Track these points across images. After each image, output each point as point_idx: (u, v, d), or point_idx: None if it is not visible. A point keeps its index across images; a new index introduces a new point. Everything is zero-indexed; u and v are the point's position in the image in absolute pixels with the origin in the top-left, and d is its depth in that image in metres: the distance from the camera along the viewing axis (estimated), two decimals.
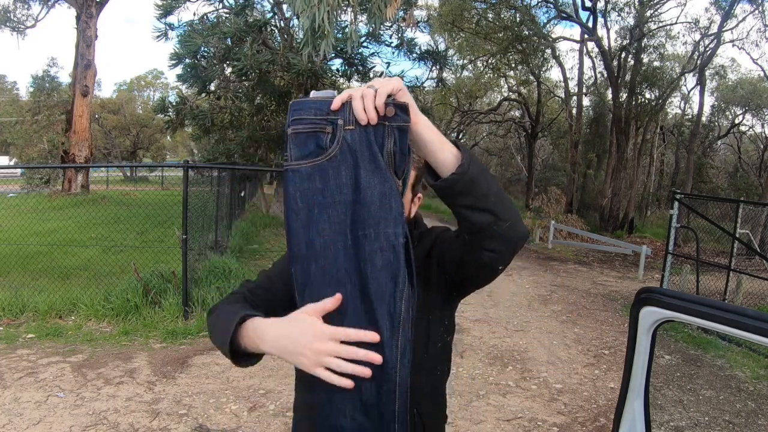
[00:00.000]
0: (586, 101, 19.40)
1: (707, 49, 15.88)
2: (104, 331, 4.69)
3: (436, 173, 0.89)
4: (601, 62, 16.48)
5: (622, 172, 15.74)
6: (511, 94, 24.86)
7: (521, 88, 23.25)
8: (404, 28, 11.41)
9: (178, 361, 4.08)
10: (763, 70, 17.93)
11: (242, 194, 12.93)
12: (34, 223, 8.68)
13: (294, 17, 10.85)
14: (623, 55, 15.92)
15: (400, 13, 9.40)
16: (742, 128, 22.98)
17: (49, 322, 4.82)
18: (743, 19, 15.57)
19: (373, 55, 12.44)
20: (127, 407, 3.27)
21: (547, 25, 16.36)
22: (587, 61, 18.15)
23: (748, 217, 8.73)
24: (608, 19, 15.95)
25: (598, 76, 18.86)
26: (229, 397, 3.49)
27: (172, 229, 7.12)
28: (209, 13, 11.52)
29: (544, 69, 20.16)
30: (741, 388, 4.02)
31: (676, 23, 21.05)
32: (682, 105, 23.00)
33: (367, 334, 0.81)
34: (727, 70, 20.50)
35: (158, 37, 11.26)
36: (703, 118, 19.09)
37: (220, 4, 11.53)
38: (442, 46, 19.21)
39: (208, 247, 7.08)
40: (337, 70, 13.10)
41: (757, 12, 15.02)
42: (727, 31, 15.18)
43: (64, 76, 32.61)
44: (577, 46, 17.95)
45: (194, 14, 11.66)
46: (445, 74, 15.52)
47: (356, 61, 12.22)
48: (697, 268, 5.88)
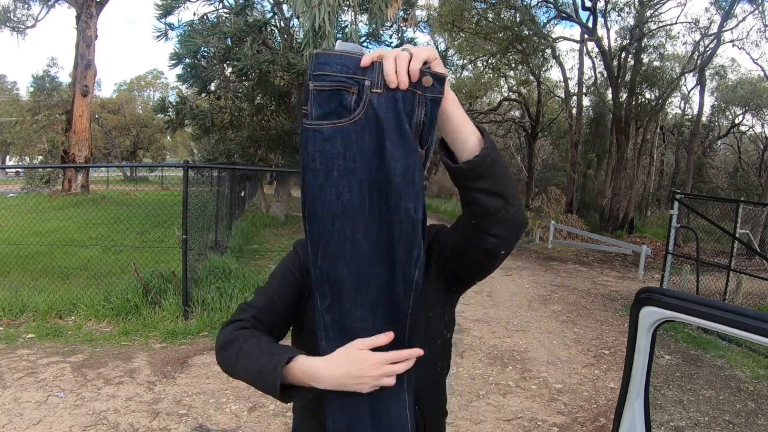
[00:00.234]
0: (586, 101, 19.42)
1: (707, 49, 15.89)
2: (104, 331, 4.69)
3: (451, 154, 0.86)
4: (601, 62, 16.49)
5: (622, 172, 15.74)
6: (511, 94, 24.85)
7: (521, 88, 23.25)
8: (404, 28, 11.42)
9: (178, 361, 4.08)
10: (763, 70, 17.94)
11: (242, 194, 12.93)
12: (34, 223, 8.68)
13: (294, 17, 10.85)
14: (623, 55, 15.92)
15: (401, 13, 9.40)
16: (742, 128, 22.98)
17: (49, 322, 4.82)
18: (743, 19, 15.59)
19: None
20: (127, 407, 3.27)
21: (547, 25, 16.39)
22: (587, 61, 18.18)
23: (748, 217, 8.73)
24: (608, 19, 15.97)
25: (598, 76, 18.87)
26: (229, 397, 3.49)
27: (172, 229, 7.13)
28: (209, 13, 11.53)
29: (544, 69, 20.17)
30: (741, 388, 4.02)
31: (676, 23, 21.09)
32: (682, 105, 23.03)
33: (412, 352, 0.89)
34: (727, 70, 20.52)
35: (158, 37, 11.28)
36: (703, 118, 19.10)
37: (220, 4, 11.53)
38: (442, 46, 19.23)
39: (208, 247, 7.08)
40: None
41: (757, 12, 15.03)
42: (727, 31, 15.20)
43: (64, 76, 32.65)
44: (577, 46, 17.97)
45: (194, 14, 11.69)
46: None
47: None
48: (697, 268, 5.88)
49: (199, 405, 3.36)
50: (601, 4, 15.34)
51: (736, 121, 22.47)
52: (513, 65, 19.56)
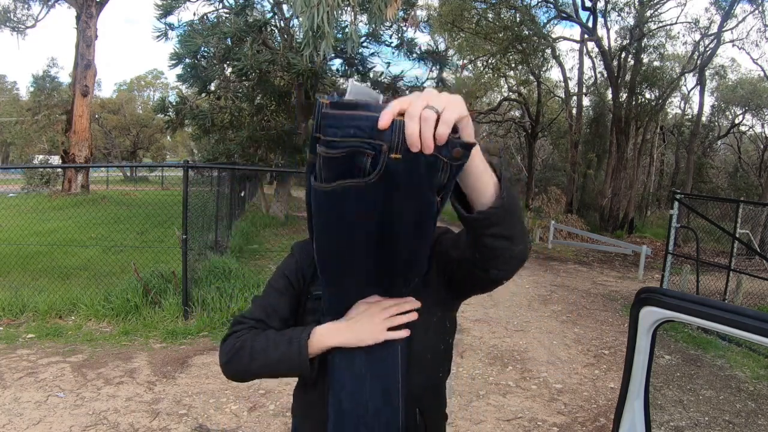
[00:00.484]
0: (586, 101, 19.43)
1: (707, 49, 15.89)
2: (104, 331, 4.69)
3: (462, 196, 0.82)
4: (601, 62, 16.49)
5: (622, 172, 15.74)
6: (511, 94, 24.85)
7: (521, 88, 23.25)
8: (404, 28, 11.42)
9: (178, 361, 4.08)
10: (763, 70, 17.95)
11: (242, 194, 12.93)
12: (34, 223, 8.68)
13: (294, 17, 10.85)
14: (623, 55, 15.92)
15: (401, 14, 9.40)
16: (742, 128, 22.99)
17: (49, 322, 4.82)
18: (743, 19, 15.60)
19: (373, 55, 12.46)
20: (127, 407, 3.27)
21: (547, 25, 16.38)
22: (587, 61, 18.19)
23: (748, 217, 8.74)
24: (608, 19, 15.98)
25: (598, 76, 18.88)
26: (229, 397, 3.49)
27: (172, 229, 7.13)
28: (209, 13, 11.54)
29: (544, 69, 20.16)
30: (741, 388, 4.02)
31: (676, 23, 21.06)
32: (682, 105, 23.03)
33: (414, 304, 0.98)
34: (727, 70, 20.52)
35: (158, 37, 11.28)
36: (703, 118, 19.10)
37: (220, 4, 11.54)
38: (442, 46, 19.21)
39: (208, 247, 7.08)
40: (337, 70, 13.09)
41: (757, 12, 15.04)
42: (727, 31, 15.21)
43: (64, 76, 32.62)
44: (577, 46, 17.97)
45: (194, 14, 11.68)
46: (445, 74, 15.52)
47: (356, 61, 12.23)
48: (697, 268, 5.88)
49: (199, 405, 3.36)
50: (601, 4, 15.34)
51: (736, 121, 22.48)
52: (513, 65, 19.55)
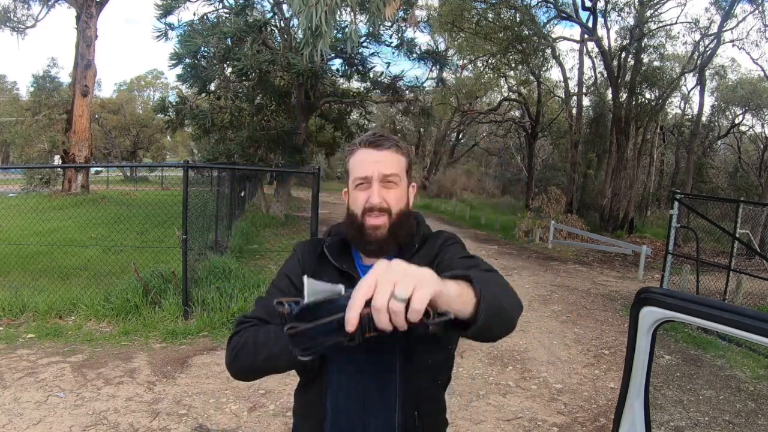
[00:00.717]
0: (586, 101, 19.43)
1: (707, 49, 15.89)
2: (104, 331, 4.69)
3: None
4: (601, 62, 16.49)
5: (622, 172, 15.74)
6: (511, 94, 24.86)
7: (521, 88, 23.26)
8: (404, 28, 11.42)
9: (178, 361, 4.08)
10: (763, 70, 17.95)
11: (242, 194, 12.93)
12: (34, 223, 8.68)
13: (294, 17, 10.85)
14: (623, 55, 15.92)
15: (401, 13, 9.40)
16: (742, 128, 23.00)
17: (49, 322, 4.81)
18: (743, 19, 15.60)
19: (373, 55, 12.47)
20: (127, 407, 3.27)
21: (547, 25, 16.38)
22: (587, 61, 18.18)
23: (748, 217, 8.73)
24: (608, 19, 15.97)
25: (598, 76, 18.87)
26: (229, 397, 3.49)
27: (172, 229, 7.13)
28: (209, 13, 11.55)
29: (544, 69, 20.17)
30: (741, 388, 4.02)
31: (676, 23, 21.09)
32: (682, 105, 23.03)
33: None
34: (727, 70, 20.53)
35: (158, 37, 11.28)
36: (703, 118, 19.10)
37: (220, 4, 11.54)
38: (442, 46, 19.22)
39: (208, 247, 7.07)
40: (337, 70, 13.10)
41: (757, 12, 15.04)
42: (727, 31, 15.20)
43: (65, 76, 32.62)
44: (577, 46, 17.98)
45: (194, 14, 11.70)
46: (445, 74, 15.53)
47: (356, 61, 12.23)
48: (697, 268, 5.88)
49: (199, 405, 3.36)
50: (601, 4, 15.34)
51: (736, 121, 22.49)
52: (513, 65, 19.55)
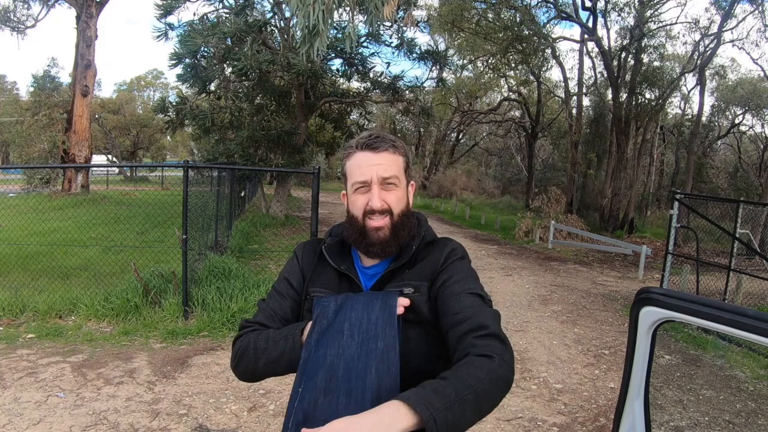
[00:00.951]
0: (586, 101, 19.41)
1: (707, 49, 15.88)
2: (104, 331, 4.69)
3: None
4: (601, 62, 16.48)
5: (622, 172, 15.73)
6: (511, 94, 24.87)
7: (521, 88, 23.26)
8: (404, 28, 11.42)
9: (178, 361, 4.08)
10: (763, 70, 17.95)
11: (242, 194, 12.93)
12: (34, 223, 8.68)
13: (294, 17, 10.85)
14: (623, 55, 15.91)
15: (400, 13, 9.40)
16: (742, 128, 23.01)
17: (49, 322, 4.81)
18: (743, 19, 15.60)
19: (373, 55, 12.47)
20: (127, 407, 3.27)
21: (547, 25, 16.37)
22: (587, 61, 18.16)
23: (748, 217, 8.73)
24: (608, 19, 15.96)
25: (598, 76, 18.86)
26: (229, 397, 3.49)
27: (172, 229, 7.13)
28: (209, 13, 11.54)
29: (544, 69, 20.17)
30: (741, 388, 4.02)
31: (676, 23, 21.11)
32: (682, 105, 23.03)
33: None
34: (727, 70, 20.55)
35: (158, 37, 11.28)
36: (703, 118, 19.09)
37: (220, 4, 11.54)
38: (442, 46, 19.22)
39: (208, 247, 7.08)
40: (337, 70, 13.09)
41: (757, 12, 15.03)
42: (727, 31, 15.19)
43: (65, 76, 32.67)
44: (577, 46, 17.96)
45: (194, 14, 11.72)
46: (445, 74, 15.53)
47: (356, 61, 12.23)
48: (697, 268, 5.88)
49: (199, 405, 3.36)
50: (601, 4, 15.33)
51: (736, 121, 22.49)
52: (513, 65, 19.55)
